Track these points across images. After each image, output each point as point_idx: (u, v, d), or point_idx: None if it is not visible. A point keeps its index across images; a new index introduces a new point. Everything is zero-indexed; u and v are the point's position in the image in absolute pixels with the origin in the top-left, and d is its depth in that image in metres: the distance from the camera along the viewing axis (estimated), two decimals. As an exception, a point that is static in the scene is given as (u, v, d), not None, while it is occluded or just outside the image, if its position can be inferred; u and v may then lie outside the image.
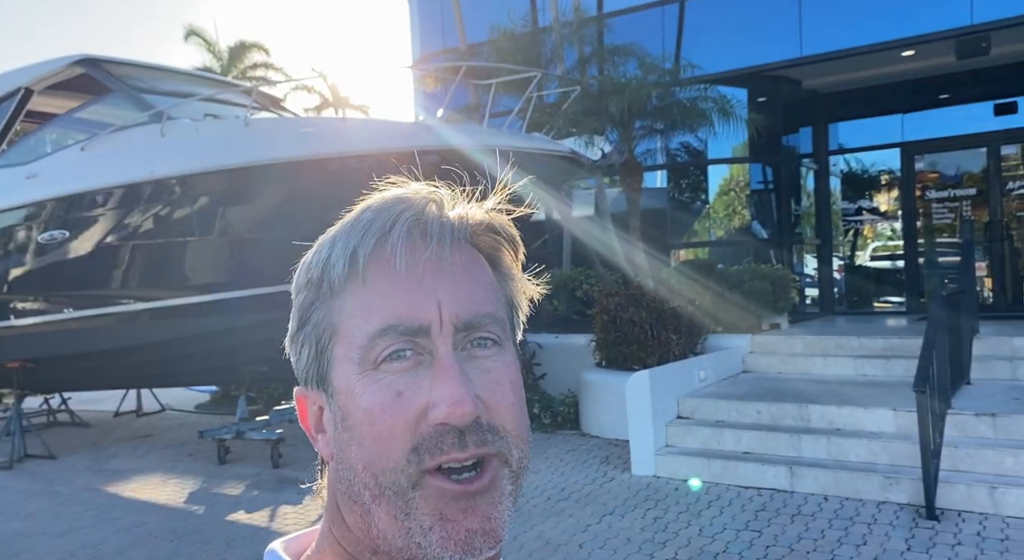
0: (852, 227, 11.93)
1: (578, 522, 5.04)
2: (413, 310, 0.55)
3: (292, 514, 5.66)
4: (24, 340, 8.01)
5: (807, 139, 11.42)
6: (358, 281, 0.57)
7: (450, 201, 0.61)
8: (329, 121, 8.83)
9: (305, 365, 0.61)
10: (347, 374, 0.57)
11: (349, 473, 0.56)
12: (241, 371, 7.87)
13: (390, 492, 0.54)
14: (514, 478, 0.57)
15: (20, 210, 7.57)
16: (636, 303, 7.50)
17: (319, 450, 0.61)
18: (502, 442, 0.56)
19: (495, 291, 0.61)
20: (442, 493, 0.54)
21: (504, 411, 0.56)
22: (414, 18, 13.21)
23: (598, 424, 7.43)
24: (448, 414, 0.53)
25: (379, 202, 0.59)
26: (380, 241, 0.57)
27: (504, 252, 0.63)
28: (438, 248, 0.57)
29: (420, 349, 0.55)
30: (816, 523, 4.78)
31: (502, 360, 0.58)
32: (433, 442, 0.54)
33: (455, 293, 0.57)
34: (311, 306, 0.60)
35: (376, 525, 0.55)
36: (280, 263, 4.44)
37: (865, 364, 7.28)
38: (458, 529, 0.53)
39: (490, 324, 0.58)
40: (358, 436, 0.55)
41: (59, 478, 7.10)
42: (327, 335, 0.58)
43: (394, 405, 0.54)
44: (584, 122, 8.11)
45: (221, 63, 16.85)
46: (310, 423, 0.62)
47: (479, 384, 0.56)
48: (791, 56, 9.53)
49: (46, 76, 8.13)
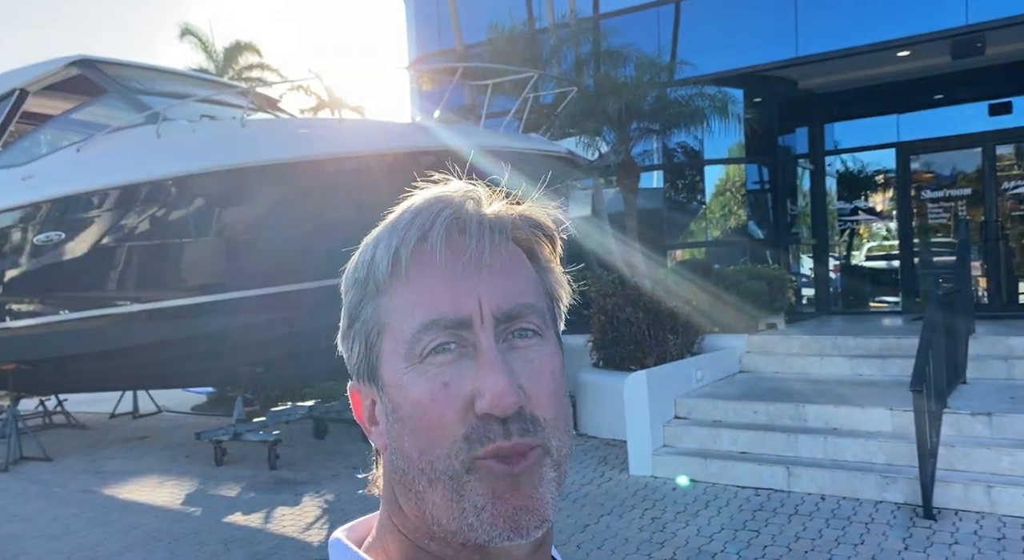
0: (848, 227, 11.96)
1: (576, 522, 5.04)
2: (455, 304, 0.57)
3: (289, 515, 5.65)
4: (20, 342, 7.98)
5: (803, 139, 11.45)
6: (401, 279, 0.59)
7: (487, 198, 0.63)
8: (325, 122, 8.82)
9: (356, 361, 0.63)
10: (395, 368, 0.59)
11: (403, 462, 0.59)
12: (238, 372, 7.85)
13: (445, 477, 0.56)
14: (556, 466, 0.59)
15: (16, 211, 7.54)
16: (633, 303, 7.51)
17: (373, 441, 0.64)
18: (543, 432, 0.57)
19: (534, 283, 0.63)
20: (491, 472, 0.56)
21: (545, 401, 0.58)
22: (410, 19, 13.20)
23: (595, 424, 7.44)
24: (492, 405, 0.55)
25: (419, 201, 0.61)
26: (421, 240, 0.59)
27: (542, 245, 0.65)
28: (477, 244, 0.59)
29: (464, 342, 0.57)
30: (813, 523, 4.79)
31: (543, 350, 0.60)
32: (481, 431, 0.56)
33: (495, 286, 0.58)
34: (359, 304, 0.62)
35: (430, 511, 0.57)
36: (276, 264, 4.50)
37: (861, 364, 7.30)
38: (506, 506, 0.55)
39: (530, 315, 0.60)
40: (410, 426, 0.58)
41: (56, 480, 7.08)
42: (375, 331, 0.61)
43: (442, 395, 0.56)
44: (581, 123, 8.12)
45: (217, 64, 16.82)
46: (364, 416, 0.64)
47: (521, 374, 0.57)
48: (787, 56, 9.56)
49: (42, 77, 8.10)
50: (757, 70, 9.84)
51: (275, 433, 7.26)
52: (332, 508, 5.81)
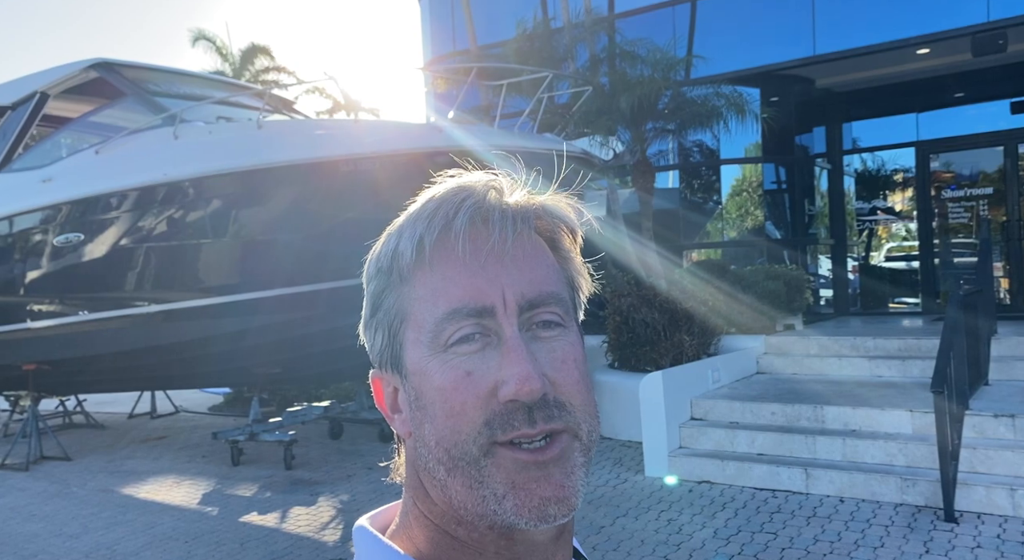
0: (866, 227, 11.83)
1: (591, 524, 5.01)
2: (478, 293, 0.58)
3: (305, 515, 5.66)
4: (40, 342, 8.07)
5: (820, 138, 11.34)
6: (425, 268, 0.59)
7: (509, 188, 0.63)
8: (340, 123, 8.86)
9: (379, 349, 0.63)
10: (419, 356, 0.59)
11: (424, 449, 0.59)
12: (254, 373, 7.90)
13: (463, 463, 0.56)
14: (585, 451, 0.59)
15: (36, 213, 7.63)
16: (649, 304, 7.47)
17: (396, 429, 0.64)
18: (570, 417, 0.58)
19: (556, 272, 0.63)
20: (513, 462, 0.56)
21: (570, 387, 0.58)
22: (425, 20, 13.23)
23: (611, 426, 7.40)
24: (517, 391, 0.55)
25: (442, 191, 0.61)
26: (445, 229, 0.59)
27: (563, 235, 0.65)
28: (500, 233, 0.59)
29: (487, 331, 0.58)
30: (832, 525, 4.73)
31: (566, 339, 0.60)
32: (504, 418, 0.56)
33: (518, 275, 0.59)
34: (382, 293, 0.62)
35: (454, 497, 0.58)
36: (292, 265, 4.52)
37: (881, 365, 7.21)
38: (531, 497, 0.55)
39: (553, 303, 0.60)
40: (431, 414, 0.58)
41: (75, 479, 7.15)
42: (398, 320, 0.61)
43: (465, 384, 0.57)
44: (596, 122, 8.09)
45: (233, 66, 16.94)
46: (386, 404, 0.65)
47: (545, 363, 0.58)
48: (804, 55, 9.47)
49: (62, 80, 8.20)
50: (774, 69, 9.75)
51: (291, 433, 7.29)
52: (347, 508, 5.82)
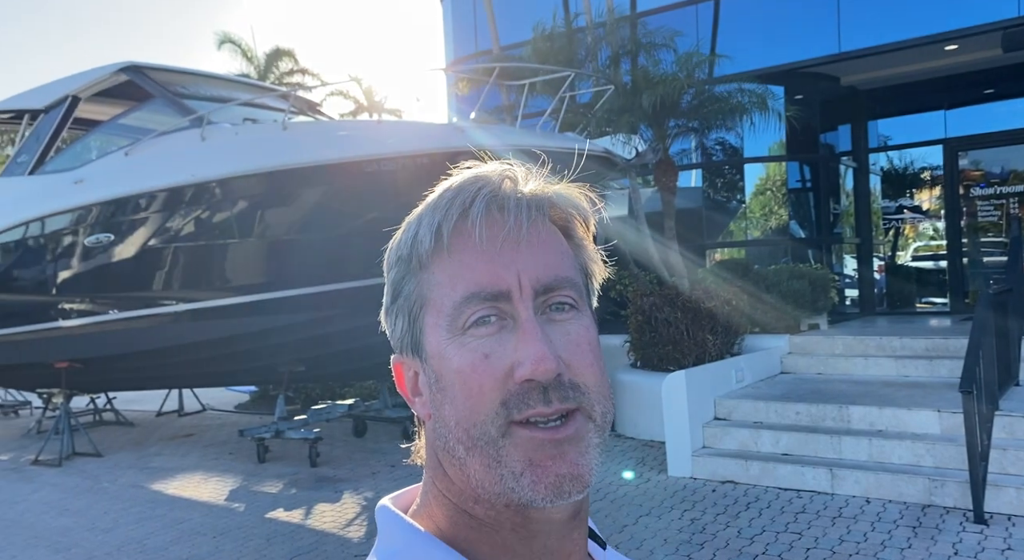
0: (893, 226, 11.67)
1: (614, 523, 5.01)
2: (494, 277, 0.59)
3: (330, 512, 5.72)
4: (72, 341, 8.24)
5: (846, 136, 11.22)
6: (443, 254, 0.61)
7: (524, 177, 0.65)
8: (364, 124, 8.94)
9: (400, 334, 0.65)
10: (438, 340, 0.61)
11: (444, 430, 0.61)
12: (279, 371, 7.99)
13: (481, 442, 0.58)
14: (599, 431, 0.60)
15: (68, 214, 7.79)
16: (671, 303, 7.44)
17: (417, 411, 0.66)
18: (584, 397, 0.59)
19: (570, 258, 0.65)
20: (530, 440, 0.57)
21: (584, 369, 0.60)
22: (447, 21, 13.29)
23: (633, 425, 7.38)
24: (532, 371, 0.57)
25: (459, 181, 0.63)
26: (462, 216, 0.61)
27: (576, 223, 0.67)
28: (515, 220, 0.61)
29: (503, 314, 0.59)
30: (858, 526, 4.69)
31: (580, 323, 0.62)
32: (519, 398, 0.57)
33: (533, 260, 0.61)
34: (402, 280, 0.64)
35: (473, 476, 0.60)
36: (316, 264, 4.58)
37: (908, 365, 7.12)
38: (547, 474, 0.57)
39: (567, 288, 0.62)
40: (451, 395, 0.60)
41: (105, 475, 7.28)
42: (418, 305, 0.63)
43: (483, 365, 0.58)
44: (618, 120, 8.07)
45: (258, 69, 17.14)
46: (407, 387, 0.66)
47: (560, 345, 0.59)
48: (829, 52, 9.37)
49: (92, 84, 8.36)
50: (798, 66, 9.66)
51: (316, 431, 7.36)
52: (371, 505, 5.86)
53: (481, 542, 0.62)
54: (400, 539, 0.63)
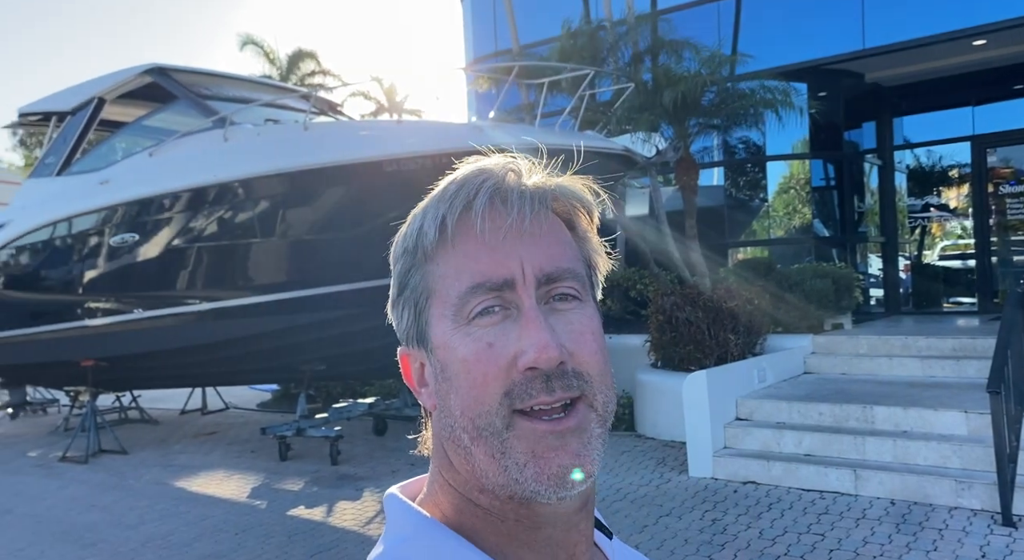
0: (919, 225, 11.50)
1: (634, 523, 4.98)
2: (498, 267, 0.60)
3: (350, 510, 5.75)
4: (97, 339, 8.36)
5: (870, 134, 11.07)
6: (448, 246, 0.62)
7: (528, 170, 0.65)
8: (384, 124, 8.99)
9: (406, 326, 0.66)
10: (443, 330, 0.62)
11: (450, 419, 0.61)
12: (300, 370, 8.05)
13: (487, 433, 0.59)
14: (601, 422, 0.61)
15: (94, 215, 7.91)
16: (692, 303, 7.39)
17: (423, 402, 0.66)
18: (587, 386, 0.60)
19: (573, 250, 0.65)
20: (532, 432, 0.58)
21: (587, 358, 0.60)
22: (467, 21, 13.31)
23: (654, 425, 7.34)
24: (535, 359, 0.57)
25: (463, 174, 0.64)
26: (466, 209, 0.62)
27: (579, 215, 0.67)
28: (518, 212, 0.61)
29: (507, 304, 0.60)
30: (882, 528, 4.62)
31: (583, 313, 0.63)
32: (523, 387, 0.58)
33: (536, 250, 0.61)
34: (408, 272, 0.65)
35: (478, 466, 0.60)
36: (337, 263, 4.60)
37: (934, 365, 7.01)
38: (550, 465, 0.57)
39: (570, 279, 0.62)
40: (456, 385, 0.60)
41: (131, 472, 7.38)
42: (423, 297, 0.64)
43: (487, 355, 0.59)
44: (638, 118, 8.04)
45: (280, 71, 17.29)
46: (413, 379, 0.67)
47: (563, 334, 0.60)
48: (853, 48, 9.25)
49: (118, 85, 8.48)
50: (822, 63, 9.55)
51: (336, 429, 7.40)
52: (391, 503, 5.88)
53: (487, 531, 0.62)
54: (408, 526, 0.64)
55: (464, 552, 0.61)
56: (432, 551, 0.61)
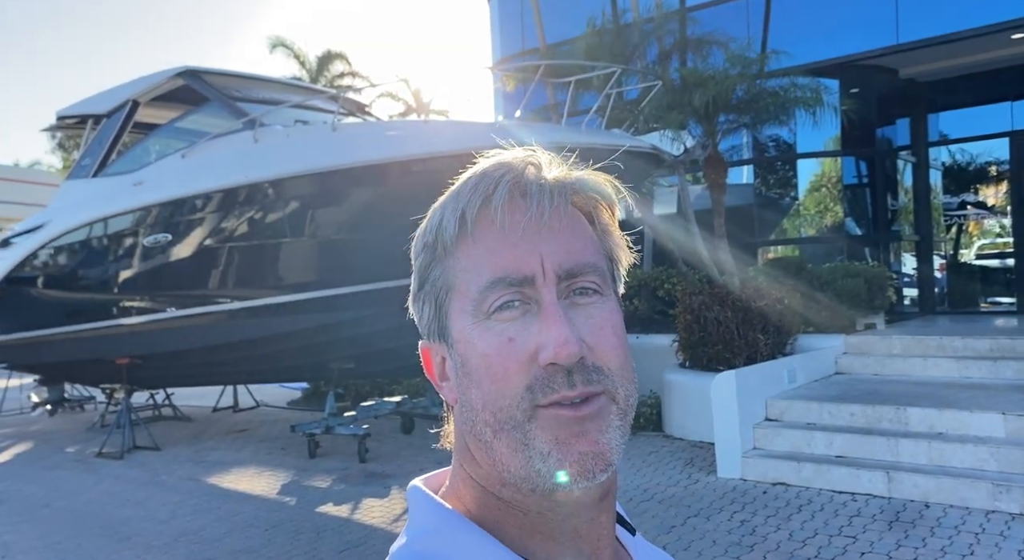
0: (955, 223, 11.27)
1: (661, 523, 4.95)
2: (518, 263, 0.60)
3: (378, 507, 5.79)
4: (132, 338, 8.52)
5: (904, 130, 10.86)
6: (468, 240, 0.62)
7: (548, 163, 0.65)
8: (411, 124, 9.03)
9: (427, 321, 0.66)
10: (463, 325, 0.62)
11: (471, 413, 0.61)
12: (329, 368, 8.12)
13: (508, 426, 0.59)
14: (622, 414, 0.60)
15: (128, 215, 8.07)
16: (721, 302, 7.31)
17: (444, 396, 0.67)
18: (607, 380, 0.59)
19: (594, 244, 0.65)
20: (556, 419, 0.58)
21: (608, 352, 0.60)
22: (494, 20, 13.33)
23: (681, 426, 7.28)
24: (555, 354, 0.57)
25: (483, 168, 0.64)
26: (485, 203, 0.61)
27: (601, 209, 0.67)
28: (537, 206, 0.61)
29: (527, 298, 0.60)
30: (916, 531, 4.53)
31: (604, 307, 0.62)
32: (544, 381, 0.58)
33: (556, 245, 0.61)
34: (428, 267, 0.65)
35: (499, 459, 0.60)
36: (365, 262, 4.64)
37: (970, 366, 6.86)
38: (571, 452, 0.57)
39: (590, 273, 0.62)
40: (477, 379, 0.60)
41: (164, 468, 7.52)
42: (444, 291, 0.64)
43: (507, 349, 0.59)
44: (666, 117, 7.97)
45: (310, 72, 17.47)
46: (434, 373, 0.67)
47: (583, 328, 0.60)
48: (886, 43, 9.09)
49: (151, 88, 8.64)
50: (854, 59, 9.40)
51: (364, 427, 7.46)
52: (419, 501, 5.90)
53: (509, 523, 0.62)
54: (431, 518, 0.64)
55: (486, 544, 0.61)
56: (454, 543, 0.62)
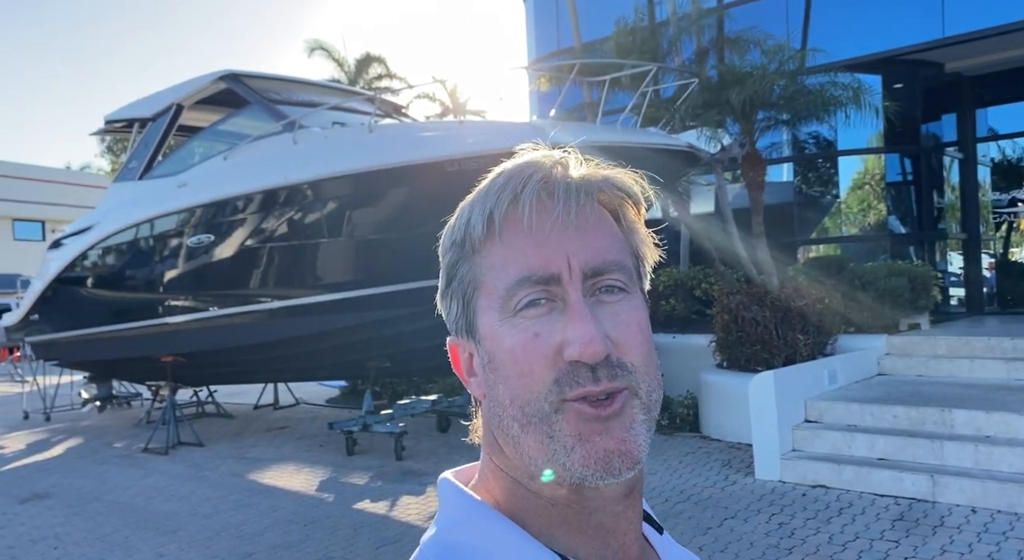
0: (1005, 220, 10.95)
1: (698, 525, 4.91)
2: (545, 261, 0.61)
3: (414, 504, 5.85)
4: (176, 336, 8.73)
5: (950, 126, 10.58)
6: (495, 239, 0.63)
7: (575, 163, 0.66)
8: (447, 125, 9.09)
9: (455, 317, 0.67)
10: (490, 322, 0.63)
11: (499, 408, 0.63)
12: (366, 366, 8.22)
13: (535, 419, 0.60)
14: (646, 410, 0.61)
15: (173, 217, 8.27)
16: (759, 302, 7.22)
17: (472, 391, 0.68)
18: (631, 377, 0.60)
19: (620, 242, 0.65)
20: (580, 414, 0.59)
21: (633, 349, 0.61)
22: (530, 20, 13.34)
23: (719, 427, 7.21)
24: (581, 352, 0.58)
25: (511, 167, 0.65)
26: (513, 202, 0.62)
27: (627, 206, 0.68)
28: (564, 205, 0.62)
29: (553, 296, 0.61)
30: (962, 536, 4.42)
31: (630, 304, 0.63)
32: (570, 376, 0.59)
33: (582, 244, 0.62)
34: (456, 264, 0.66)
35: (526, 453, 0.61)
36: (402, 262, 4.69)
37: (1020, 367, 6.66)
38: (596, 448, 0.58)
39: (616, 271, 0.63)
40: (503, 374, 0.61)
41: (207, 464, 7.69)
42: (471, 288, 0.65)
43: (533, 345, 0.60)
44: (703, 115, 7.89)
45: (348, 75, 17.68)
46: (462, 368, 0.69)
47: (608, 325, 0.60)
48: (932, 37, 8.87)
49: (195, 92, 8.85)
50: (898, 54, 9.19)
51: (401, 425, 7.53)
52: (454, 499, 5.94)
53: (537, 515, 0.63)
54: (461, 509, 0.66)
55: (515, 536, 0.62)
56: (483, 534, 0.63)
